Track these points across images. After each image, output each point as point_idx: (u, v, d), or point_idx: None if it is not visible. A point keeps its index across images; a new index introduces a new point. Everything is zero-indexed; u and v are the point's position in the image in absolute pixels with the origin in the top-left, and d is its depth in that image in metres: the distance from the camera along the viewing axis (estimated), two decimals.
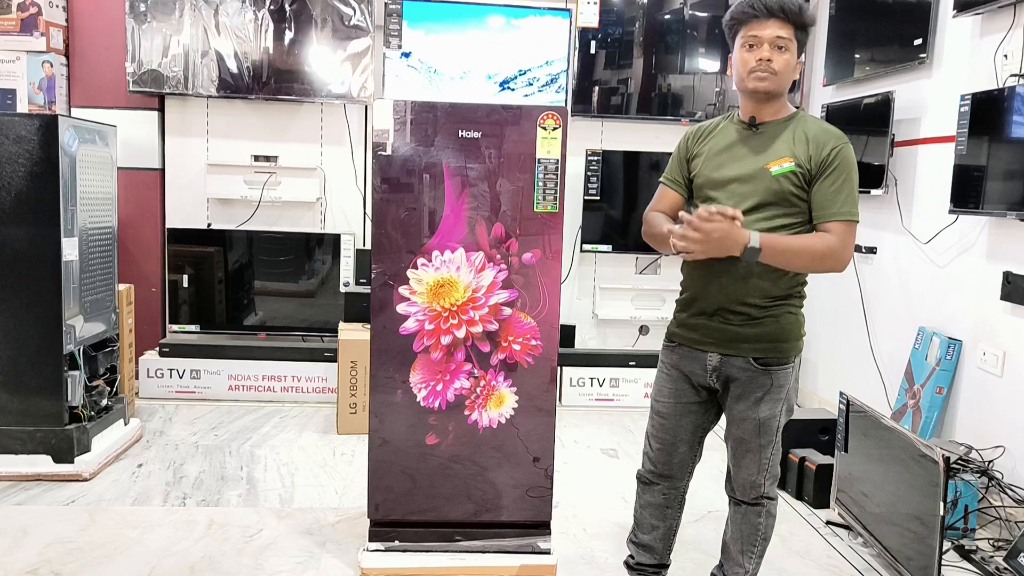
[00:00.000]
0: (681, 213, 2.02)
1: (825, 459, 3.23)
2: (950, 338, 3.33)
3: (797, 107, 2.13)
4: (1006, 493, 2.90)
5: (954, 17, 3.31)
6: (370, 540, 2.58)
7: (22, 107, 4.25)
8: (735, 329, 2.07)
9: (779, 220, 2.02)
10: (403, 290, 2.47)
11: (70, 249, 3.23)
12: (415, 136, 2.42)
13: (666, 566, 2.36)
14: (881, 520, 2.77)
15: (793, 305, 2.11)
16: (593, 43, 4.57)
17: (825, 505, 3.18)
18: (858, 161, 3.99)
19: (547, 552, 2.58)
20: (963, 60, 3.36)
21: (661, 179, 2.24)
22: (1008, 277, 3.03)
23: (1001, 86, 3.06)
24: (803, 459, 3.29)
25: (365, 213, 4.67)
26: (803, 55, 2.07)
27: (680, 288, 2.18)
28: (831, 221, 1.99)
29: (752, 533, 2.20)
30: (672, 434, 2.22)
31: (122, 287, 3.88)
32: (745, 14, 2.01)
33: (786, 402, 2.13)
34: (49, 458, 3.22)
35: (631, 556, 2.35)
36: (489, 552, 2.57)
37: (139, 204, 4.51)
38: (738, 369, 2.08)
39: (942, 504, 2.39)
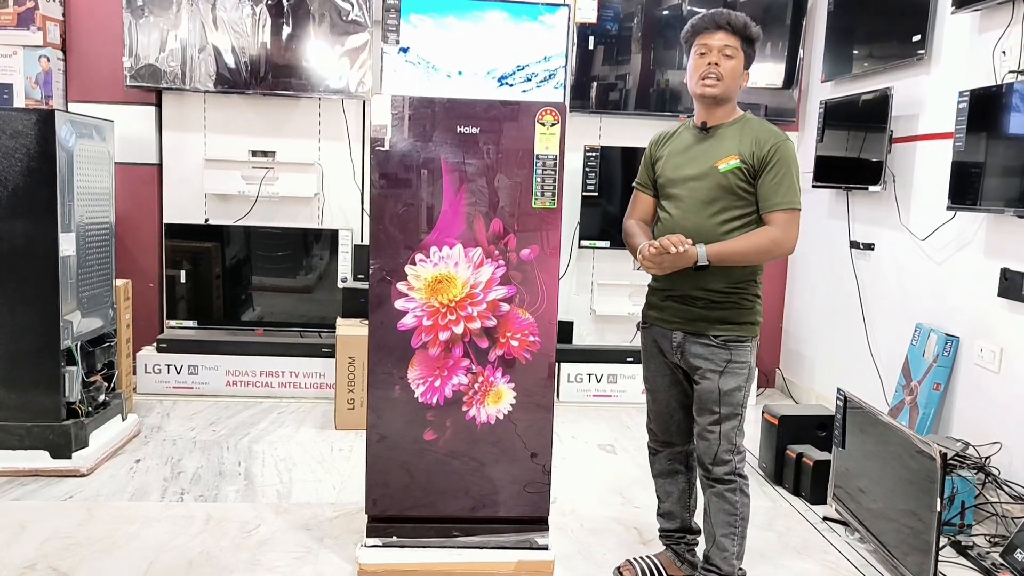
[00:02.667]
0: (641, 246, 2.26)
1: (822, 455, 3.24)
2: (947, 334, 3.33)
3: (744, 111, 2.37)
4: (1003, 489, 2.91)
5: (952, 13, 3.31)
6: (368, 535, 2.58)
7: (19, 102, 4.23)
8: (699, 311, 2.28)
9: (730, 212, 2.24)
10: (401, 286, 2.46)
11: (67, 244, 3.23)
12: (413, 131, 2.41)
13: (692, 532, 2.54)
14: (878, 516, 2.77)
15: (749, 291, 2.30)
16: (591, 39, 4.56)
17: (822, 501, 3.19)
18: (856, 157, 4.00)
19: (545, 548, 2.58)
20: (961, 56, 3.36)
21: (634, 184, 2.49)
22: (1005, 274, 3.04)
23: (999, 82, 3.06)
24: (800, 455, 3.29)
25: (363, 209, 4.66)
26: (749, 68, 2.31)
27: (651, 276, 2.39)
28: (773, 211, 2.22)
29: (731, 513, 2.29)
30: (665, 404, 2.46)
31: (119, 282, 3.87)
32: (697, 27, 2.28)
33: (749, 379, 2.31)
34: (47, 453, 3.22)
35: (660, 529, 2.58)
36: (487, 548, 2.57)
37: (136, 199, 4.50)
38: (701, 346, 2.28)
39: (939, 500, 2.39)
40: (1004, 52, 3.08)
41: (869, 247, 4.01)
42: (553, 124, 2.43)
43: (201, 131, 4.55)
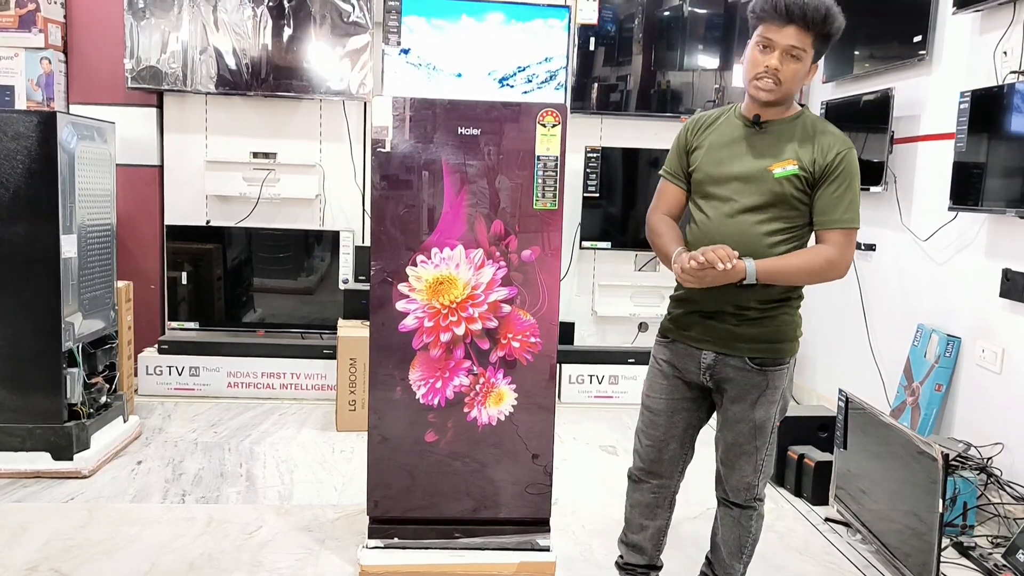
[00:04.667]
0: (678, 253, 2.01)
1: (824, 456, 3.23)
2: (949, 335, 3.33)
3: (802, 104, 2.10)
4: (1004, 490, 2.90)
5: (954, 14, 3.31)
6: (369, 537, 2.58)
7: (20, 104, 4.24)
8: (732, 328, 2.04)
9: (778, 223, 1.99)
10: (402, 287, 2.46)
11: (69, 246, 3.23)
12: (414, 133, 2.41)
13: (656, 567, 2.31)
14: (880, 517, 2.77)
15: (791, 306, 2.08)
16: (592, 40, 4.56)
17: (824, 502, 3.18)
18: (858, 158, 3.98)
19: (546, 549, 2.58)
20: (963, 57, 3.36)
21: (661, 172, 2.19)
22: (1007, 274, 3.04)
23: (1001, 83, 3.06)
24: (802, 456, 3.29)
25: (364, 210, 4.66)
26: (820, 60, 2.00)
27: (676, 284, 2.10)
28: (831, 229, 1.98)
29: (744, 536, 2.19)
30: (663, 431, 2.18)
31: (121, 284, 3.87)
32: (765, 12, 1.92)
33: (781, 402, 2.12)
34: (48, 455, 3.22)
35: (621, 556, 2.33)
36: (488, 549, 2.57)
37: (138, 201, 4.50)
38: (733, 369, 2.05)
39: (941, 501, 2.39)
40: (1005, 52, 3.08)
41: (871, 248, 4.00)
42: (554, 125, 2.43)
43: (202, 133, 4.56)
